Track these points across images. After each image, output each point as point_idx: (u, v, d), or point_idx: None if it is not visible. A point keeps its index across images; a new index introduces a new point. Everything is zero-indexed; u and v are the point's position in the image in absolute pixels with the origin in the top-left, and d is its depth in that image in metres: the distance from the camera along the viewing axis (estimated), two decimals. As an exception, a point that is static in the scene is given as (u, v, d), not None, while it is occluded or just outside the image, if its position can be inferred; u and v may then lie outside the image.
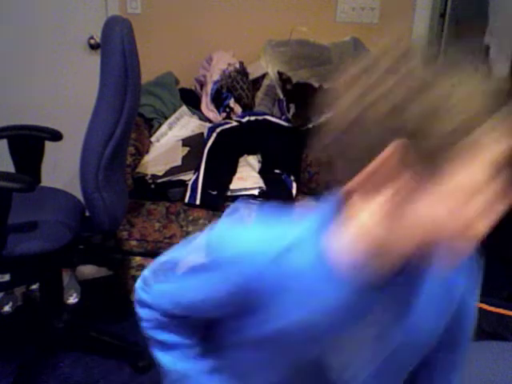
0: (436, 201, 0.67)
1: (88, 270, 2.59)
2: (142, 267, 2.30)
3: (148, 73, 2.58)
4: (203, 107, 2.74)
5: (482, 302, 1.52)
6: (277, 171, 2.40)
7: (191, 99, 2.80)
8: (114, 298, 2.44)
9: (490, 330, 1.51)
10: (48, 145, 2.11)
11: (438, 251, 0.70)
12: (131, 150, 2.32)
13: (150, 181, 2.31)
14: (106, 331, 2.19)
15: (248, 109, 2.70)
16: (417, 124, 0.65)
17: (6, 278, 2.17)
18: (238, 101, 2.69)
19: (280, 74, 2.52)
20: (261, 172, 2.40)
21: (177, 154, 2.46)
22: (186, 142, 2.54)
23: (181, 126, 2.65)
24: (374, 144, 0.68)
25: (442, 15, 5.46)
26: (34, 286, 2.36)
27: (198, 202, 2.25)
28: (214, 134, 2.46)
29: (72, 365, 2.04)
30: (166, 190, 2.31)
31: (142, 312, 0.91)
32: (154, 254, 2.27)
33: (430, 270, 0.77)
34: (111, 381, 1.97)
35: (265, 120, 2.54)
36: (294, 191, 2.34)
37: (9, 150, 2.08)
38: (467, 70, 0.67)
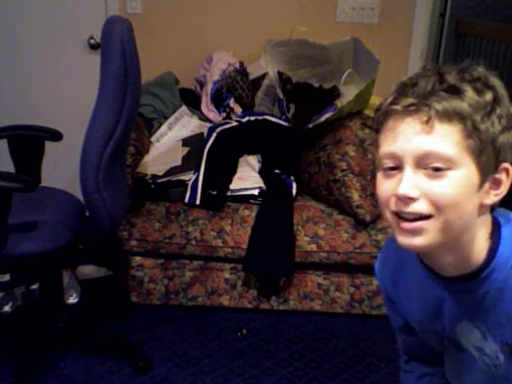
0: None
1: (88, 270, 2.59)
2: (141, 267, 2.30)
3: (148, 73, 2.58)
4: (203, 107, 2.74)
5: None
6: (277, 171, 2.40)
7: (191, 99, 2.81)
8: (113, 298, 2.45)
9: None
10: (48, 145, 2.11)
11: None
12: (131, 150, 2.32)
13: (150, 181, 2.31)
14: (106, 331, 2.20)
15: (248, 109, 2.70)
16: None
17: (6, 278, 2.17)
18: (238, 101, 2.69)
19: (280, 73, 2.52)
20: (261, 172, 2.40)
21: (177, 154, 2.46)
22: (185, 142, 2.54)
23: (181, 126, 2.65)
24: None
25: (442, 15, 5.47)
26: (34, 286, 2.36)
27: (197, 202, 2.25)
28: (214, 134, 2.46)
29: (72, 365, 2.04)
30: (165, 189, 2.31)
31: None
32: (154, 254, 2.27)
33: None
34: (111, 381, 1.97)
35: (265, 120, 2.54)
36: (294, 191, 2.34)
37: (9, 150, 2.08)
38: None
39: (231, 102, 2.67)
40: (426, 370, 1.18)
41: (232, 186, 2.31)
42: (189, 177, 2.33)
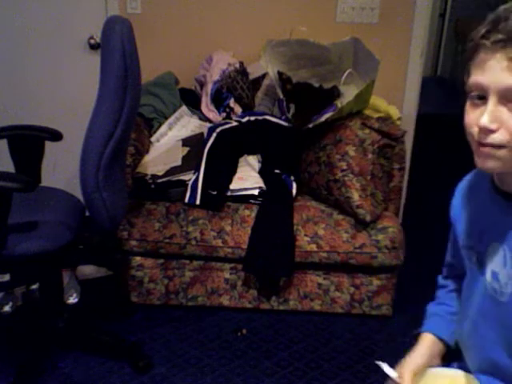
0: None
1: (88, 270, 2.59)
2: (141, 267, 2.30)
3: (148, 73, 2.58)
4: (203, 107, 2.74)
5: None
6: (277, 171, 2.40)
7: (191, 99, 2.80)
8: (113, 298, 2.45)
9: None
10: (48, 145, 2.11)
11: None
12: (131, 150, 2.33)
13: (150, 181, 2.31)
14: (106, 331, 2.20)
15: (248, 109, 2.70)
16: None
17: (6, 278, 2.18)
18: (238, 101, 2.69)
19: (280, 73, 2.52)
20: (261, 172, 2.40)
21: (177, 154, 2.46)
22: (185, 142, 2.54)
23: (181, 126, 2.65)
24: None
25: (442, 15, 5.48)
26: (34, 286, 2.36)
27: (198, 202, 2.25)
28: (214, 134, 2.46)
29: (72, 365, 2.04)
30: (165, 189, 2.31)
31: None
32: (154, 254, 2.27)
33: None
34: (111, 381, 1.97)
35: (265, 120, 2.54)
36: (294, 191, 2.35)
37: (9, 150, 2.08)
38: None
39: (231, 102, 2.67)
40: (457, 287, 1.27)
41: (232, 186, 2.32)
42: (189, 177, 2.33)
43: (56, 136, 2.10)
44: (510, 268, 0.98)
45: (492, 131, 0.88)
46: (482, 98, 0.90)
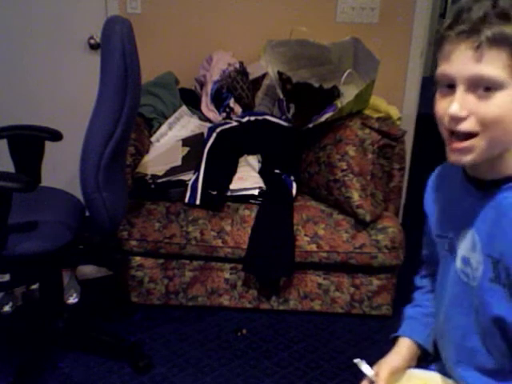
0: None
1: (88, 270, 2.59)
2: (141, 267, 2.30)
3: (148, 73, 2.58)
4: (203, 107, 2.74)
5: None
6: (277, 171, 2.40)
7: (191, 99, 2.81)
8: (113, 298, 2.45)
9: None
10: (48, 145, 2.11)
11: None
12: (131, 150, 2.33)
13: (150, 181, 2.31)
14: (106, 331, 2.20)
15: (248, 109, 2.70)
16: None
17: (6, 278, 2.17)
18: (238, 101, 2.69)
19: (280, 73, 2.52)
20: (261, 172, 2.40)
21: (177, 154, 2.46)
22: (185, 142, 2.54)
23: (181, 126, 2.65)
24: None
25: (442, 15, 5.49)
26: (34, 286, 2.36)
27: (198, 202, 2.25)
28: (214, 134, 2.46)
29: (72, 365, 2.04)
30: (165, 189, 2.31)
31: None
32: (154, 254, 2.27)
33: None
34: (111, 381, 1.97)
35: (265, 120, 2.54)
36: (294, 191, 2.35)
37: (9, 150, 2.08)
38: None
39: (231, 102, 2.67)
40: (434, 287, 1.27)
41: (232, 186, 2.31)
42: (189, 177, 2.33)
43: (56, 136, 2.10)
44: (479, 252, 0.99)
45: (462, 119, 0.90)
46: (451, 87, 0.91)
